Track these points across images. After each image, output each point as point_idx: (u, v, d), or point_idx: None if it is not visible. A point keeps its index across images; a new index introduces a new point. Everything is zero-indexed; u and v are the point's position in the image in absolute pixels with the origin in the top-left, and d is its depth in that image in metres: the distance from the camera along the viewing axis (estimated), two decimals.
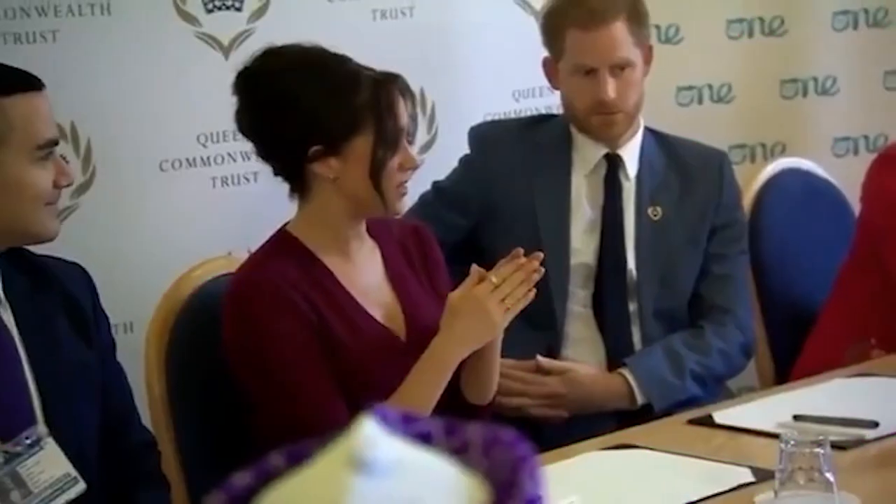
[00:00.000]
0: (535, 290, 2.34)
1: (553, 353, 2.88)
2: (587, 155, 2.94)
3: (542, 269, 2.34)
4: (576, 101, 2.90)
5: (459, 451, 0.80)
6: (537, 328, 2.85)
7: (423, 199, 2.97)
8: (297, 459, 0.80)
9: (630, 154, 2.95)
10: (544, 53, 2.97)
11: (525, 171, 2.92)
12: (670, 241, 2.93)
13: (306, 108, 2.33)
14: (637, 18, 2.89)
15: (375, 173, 2.35)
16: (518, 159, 2.93)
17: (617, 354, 2.86)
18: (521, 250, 2.34)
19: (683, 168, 2.98)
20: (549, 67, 2.96)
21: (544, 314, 2.83)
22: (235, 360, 2.38)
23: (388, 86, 2.36)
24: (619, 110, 2.87)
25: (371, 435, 0.76)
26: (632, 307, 2.91)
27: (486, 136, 2.99)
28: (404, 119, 2.38)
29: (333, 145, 2.35)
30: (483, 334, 2.36)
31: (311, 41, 2.44)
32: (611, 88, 2.84)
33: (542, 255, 2.34)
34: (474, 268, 2.36)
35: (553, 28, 2.91)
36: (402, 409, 0.83)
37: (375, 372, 2.35)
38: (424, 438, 0.80)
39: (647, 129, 3.00)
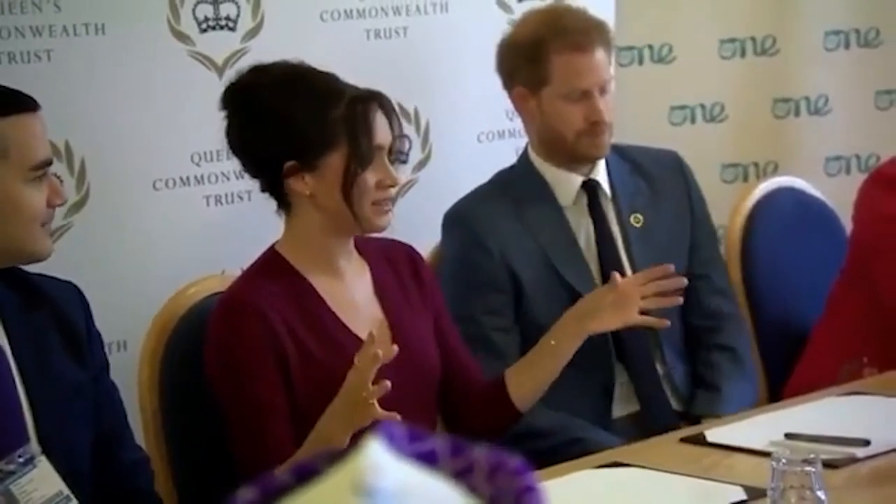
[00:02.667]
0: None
1: (610, 388, 2.89)
2: (564, 186, 2.95)
3: (388, 383, 2.18)
4: (565, 127, 2.89)
5: (464, 473, 0.80)
6: (590, 369, 2.84)
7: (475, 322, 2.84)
8: (305, 475, 0.80)
9: (601, 174, 2.98)
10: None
11: (525, 232, 2.89)
12: (655, 246, 2.97)
13: (281, 123, 2.38)
14: (609, 41, 2.95)
15: (347, 189, 2.37)
16: (511, 225, 2.89)
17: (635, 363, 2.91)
18: (373, 332, 2.24)
19: (646, 173, 3.04)
20: (522, 99, 2.94)
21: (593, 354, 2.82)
22: (211, 380, 2.42)
23: (365, 102, 2.38)
24: (607, 130, 2.91)
25: (378, 460, 0.76)
26: None
27: (472, 216, 2.90)
28: (381, 137, 2.39)
29: (307, 161, 2.38)
30: (352, 421, 2.21)
31: (303, 60, 2.47)
32: (604, 108, 2.88)
33: (395, 350, 2.22)
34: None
35: (535, 57, 2.89)
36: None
37: None
38: (429, 458, 0.81)
39: None
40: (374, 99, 2.40)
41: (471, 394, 2.57)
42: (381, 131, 2.40)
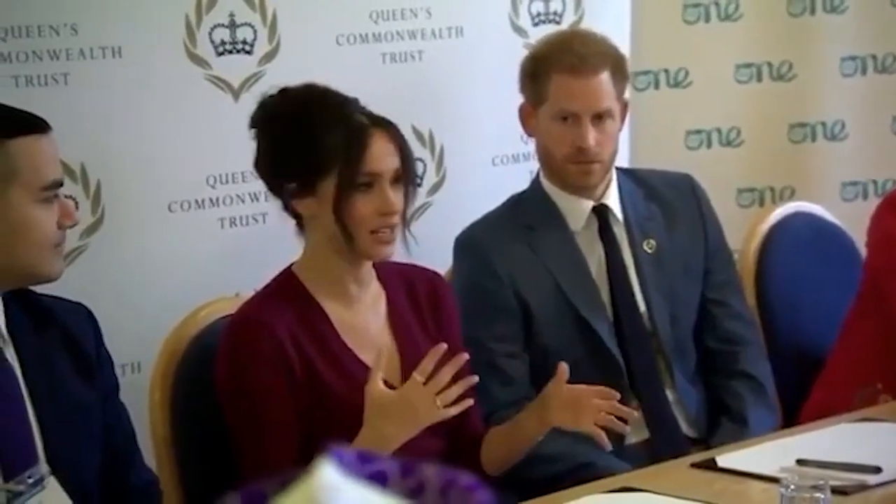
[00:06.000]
0: (471, 401, 2.32)
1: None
2: (575, 211, 2.94)
3: (475, 378, 2.31)
4: (554, 148, 2.90)
5: (415, 493, 0.81)
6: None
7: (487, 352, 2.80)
8: (254, 502, 0.81)
9: (614, 200, 2.97)
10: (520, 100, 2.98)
11: (535, 257, 2.88)
12: (668, 271, 2.96)
13: (284, 146, 2.44)
14: (620, 73, 2.93)
15: (338, 213, 2.40)
16: (521, 251, 2.88)
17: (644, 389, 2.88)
18: (444, 345, 2.31)
19: (659, 197, 3.02)
20: (526, 114, 2.97)
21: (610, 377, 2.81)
22: (221, 396, 2.44)
23: (364, 130, 2.40)
24: (596, 160, 2.88)
25: (330, 482, 0.77)
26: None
27: (482, 241, 2.90)
28: (379, 164, 2.41)
29: (307, 183, 2.42)
30: (409, 432, 2.31)
31: (322, 83, 2.50)
32: (591, 136, 2.85)
33: (466, 356, 2.31)
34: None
35: (537, 73, 2.91)
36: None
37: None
38: (380, 478, 0.81)
39: (617, 169, 3.02)
40: (376, 126, 2.42)
41: (459, 438, 2.55)
42: (380, 158, 2.41)
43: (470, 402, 2.31)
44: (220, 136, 2.93)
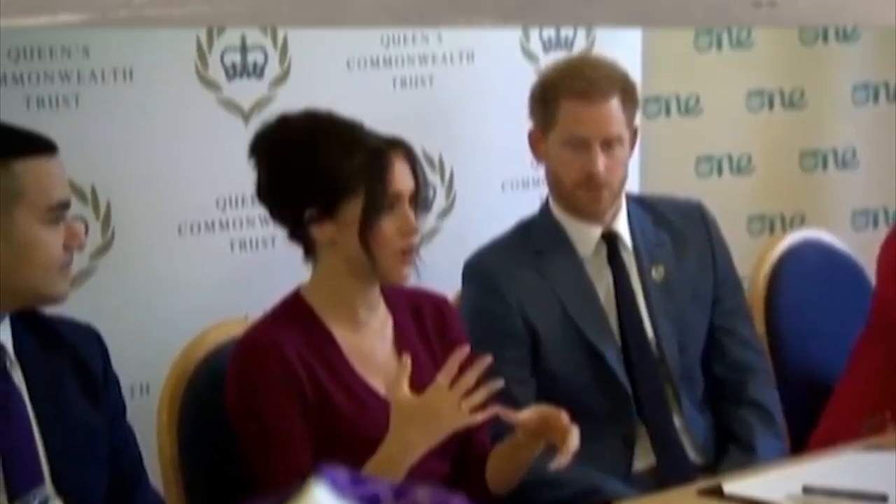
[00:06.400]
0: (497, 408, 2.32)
1: (631, 441, 2.86)
2: (584, 237, 2.93)
3: (500, 382, 2.31)
4: (563, 175, 2.90)
5: None
6: (610, 422, 2.84)
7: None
8: None
9: (623, 226, 2.97)
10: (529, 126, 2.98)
11: (543, 283, 2.88)
12: (677, 299, 2.96)
13: (302, 172, 2.43)
14: (630, 99, 2.92)
15: (364, 236, 2.40)
16: (529, 276, 2.88)
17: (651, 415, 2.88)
18: (466, 347, 2.31)
19: (668, 224, 3.02)
20: (536, 140, 2.96)
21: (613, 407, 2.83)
22: (230, 418, 2.43)
23: (384, 150, 2.42)
24: (605, 186, 2.88)
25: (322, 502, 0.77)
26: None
27: (490, 266, 2.90)
28: (401, 184, 2.43)
29: (327, 209, 2.42)
30: (435, 438, 2.31)
31: (331, 108, 2.51)
32: (600, 162, 2.85)
33: (490, 359, 2.30)
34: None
35: (546, 99, 2.91)
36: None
37: (376, 442, 2.34)
38: (372, 501, 0.81)
39: (627, 196, 3.01)
40: (394, 147, 2.44)
41: (468, 457, 2.56)
42: (401, 179, 2.43)
43: (496, 409, 2.31)
44: (231, 159, 2.92)
